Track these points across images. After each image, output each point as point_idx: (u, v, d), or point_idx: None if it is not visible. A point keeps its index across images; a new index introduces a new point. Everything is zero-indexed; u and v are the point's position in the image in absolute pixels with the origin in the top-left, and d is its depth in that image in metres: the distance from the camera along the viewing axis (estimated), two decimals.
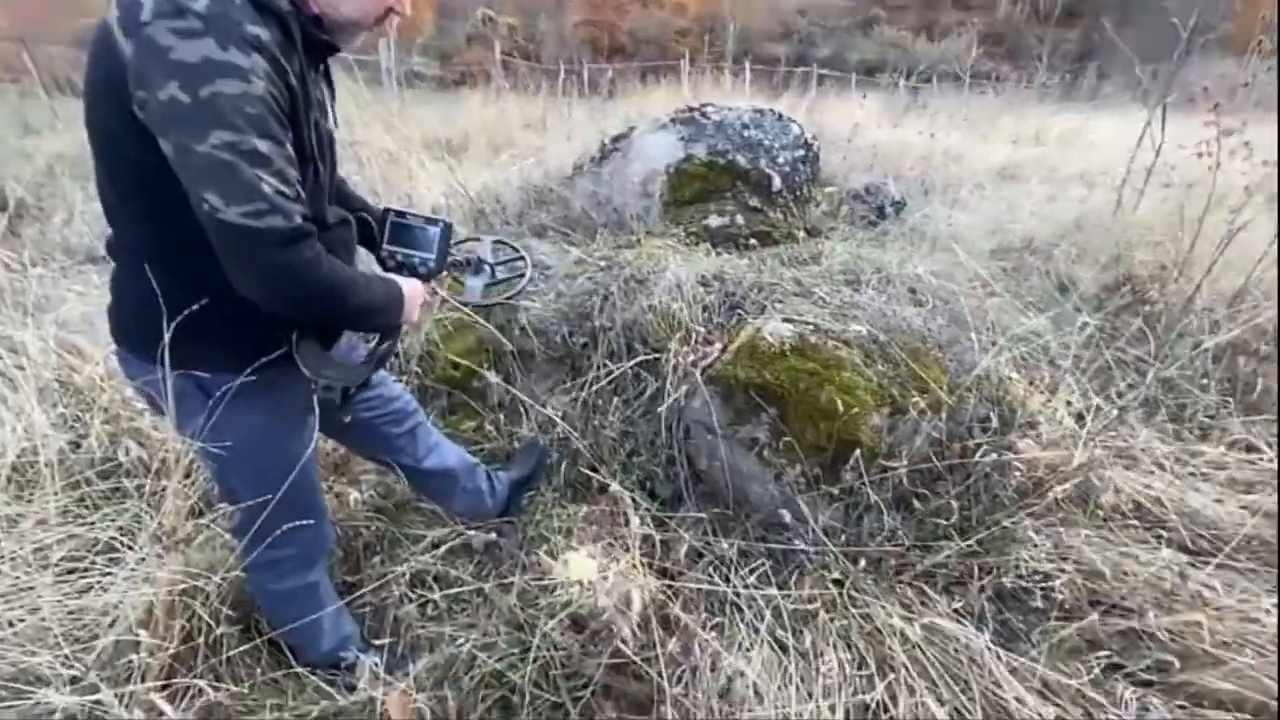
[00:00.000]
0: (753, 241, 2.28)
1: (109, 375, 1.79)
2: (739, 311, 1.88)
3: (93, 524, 1.40)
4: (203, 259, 0.83)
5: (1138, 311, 2.34)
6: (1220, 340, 2.00)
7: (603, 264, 2.18)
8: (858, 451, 1.51)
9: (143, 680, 1.11)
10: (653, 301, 1.94)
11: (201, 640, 1.21)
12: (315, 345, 1.02)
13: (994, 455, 1.68)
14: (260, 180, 0.77)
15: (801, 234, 2.35)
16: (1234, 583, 1.45)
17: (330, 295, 0.89)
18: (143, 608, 1.18)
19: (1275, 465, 1.81)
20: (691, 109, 2.77)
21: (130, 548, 1.31)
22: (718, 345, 1.81)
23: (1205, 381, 2.07)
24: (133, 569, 1.25)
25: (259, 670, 1.28)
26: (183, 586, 1.19)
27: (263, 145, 0.77)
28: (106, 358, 1.83)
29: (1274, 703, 1.21)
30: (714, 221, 2.38)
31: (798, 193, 2.57)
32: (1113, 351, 2.03)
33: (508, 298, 1.53)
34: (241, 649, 1.24)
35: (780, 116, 2.77)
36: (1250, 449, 1.89)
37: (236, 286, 0.83)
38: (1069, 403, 1.83)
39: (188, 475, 1.44)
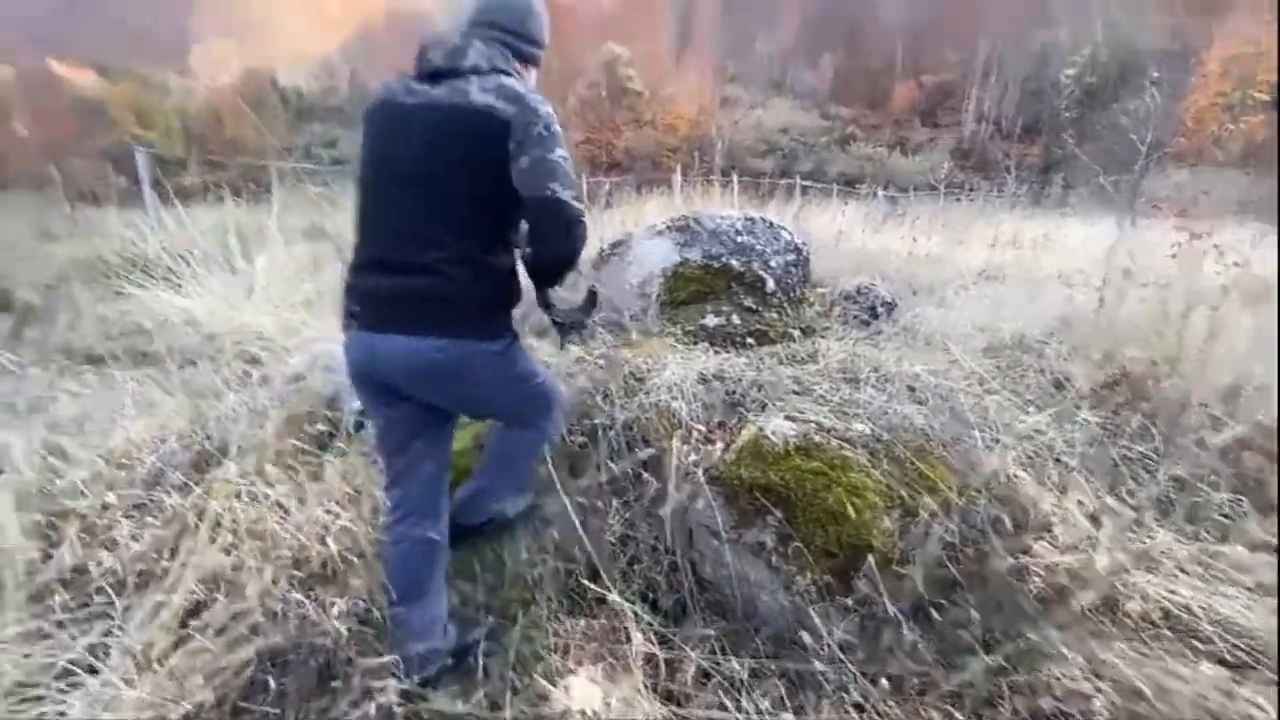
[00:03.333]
0: (750, 340, 2.32)
1: (90, 480, 1.73)
2: (740, 409, 1.87)
3: (53, 646, 1.29)
4: (502, 260, 1.39)
5: (1136, 408, 2.35)
6: (1225, 437, 1.98)
7: (601, 362, 2.19)
8: (870, 558, 1.45)
9: None
10: (653, 399, 1.93)
11: None
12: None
13: (1011, 560, 1.61)
14: (573, 180, 1.32)
15: (797, 333, 2.39)
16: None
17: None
18: None
19: None
20: (685, 217, 2.91)
21: (94, 671, 1.21)
22: (719, 444, 1.78)
23: (1215, 479, 2.03)
24: (93, 696, 1.14)
25: None
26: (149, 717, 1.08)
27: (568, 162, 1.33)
28: (92, 460, 1.78)
29: None
30: (711, 321, 2.43)
31: (791, 294, 2.64)
32: (1118, 449, 2.01)
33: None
34: None
35: (771, 224, 2.91)
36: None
37: (550, 247, 1.36)
38: (1081, 503, 1.78)
39: (169, 587, 1.35)
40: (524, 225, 1.39)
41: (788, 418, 1.66)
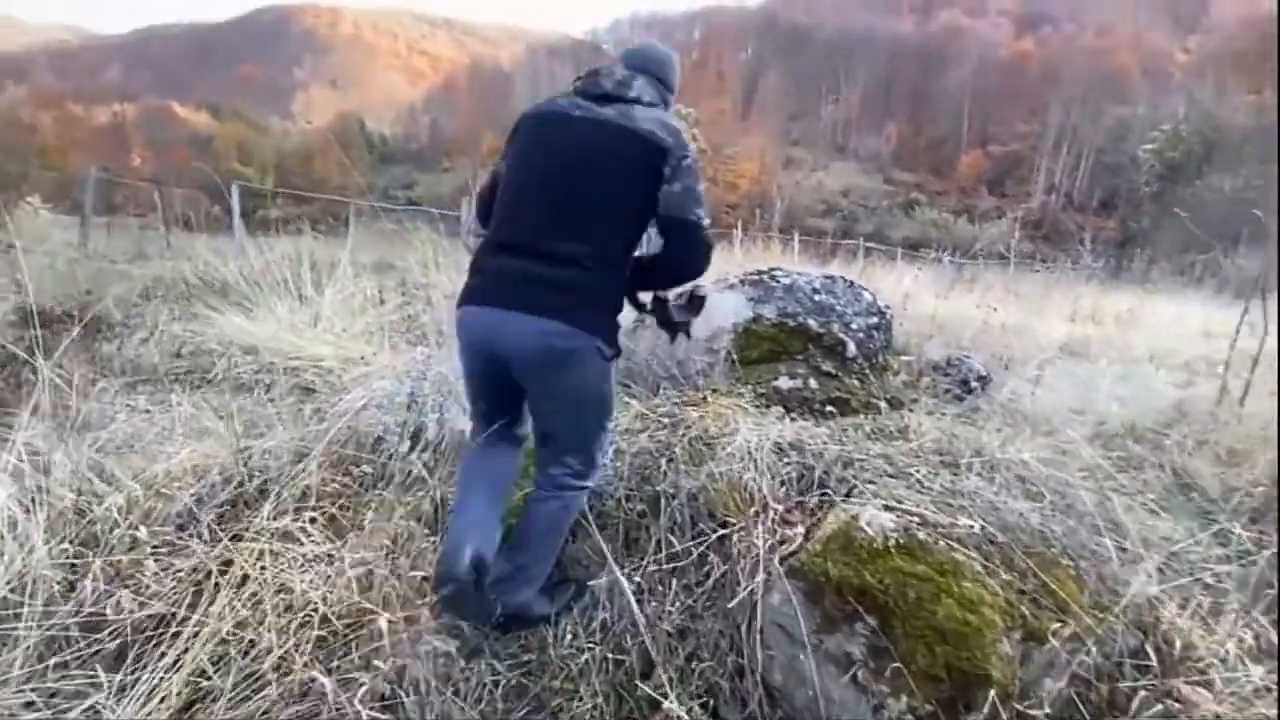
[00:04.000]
0: (829, 409, 2.11)
1: (126, 507, 1.64)
2: (824, 490, 1.65)
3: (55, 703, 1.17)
4: (625, 269, 1.52)
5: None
6: None
7: (666, 420, 2.02)
8: (991, 690, 1.19)
9: None
10: (722, 468, 1.73)
11: None
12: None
13: (1159, 706, 1.31)
14: (710, 211, 1.50)
15: (883, 404, 2.17)
16: None
17: None
18: None
19: None
20: (760, 272, 2.76)
21: None
22: (800, 528, 1.56)
23: None
24: None
25: None
26: None
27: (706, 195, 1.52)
28: (130, 487, 1.70)
29: None
30: (785, 384, 2.23)
31: (873, 360, 2.43)
32: (1269, 567, 1.68)
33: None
34: None
35: (851, 284, 2.72)
36: None
37: (684, 263, 1.53)
38: (1240, 638, 1.46)
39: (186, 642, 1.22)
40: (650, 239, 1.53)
41: (885, 507, 1.44)
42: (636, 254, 1.53)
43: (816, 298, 2.58)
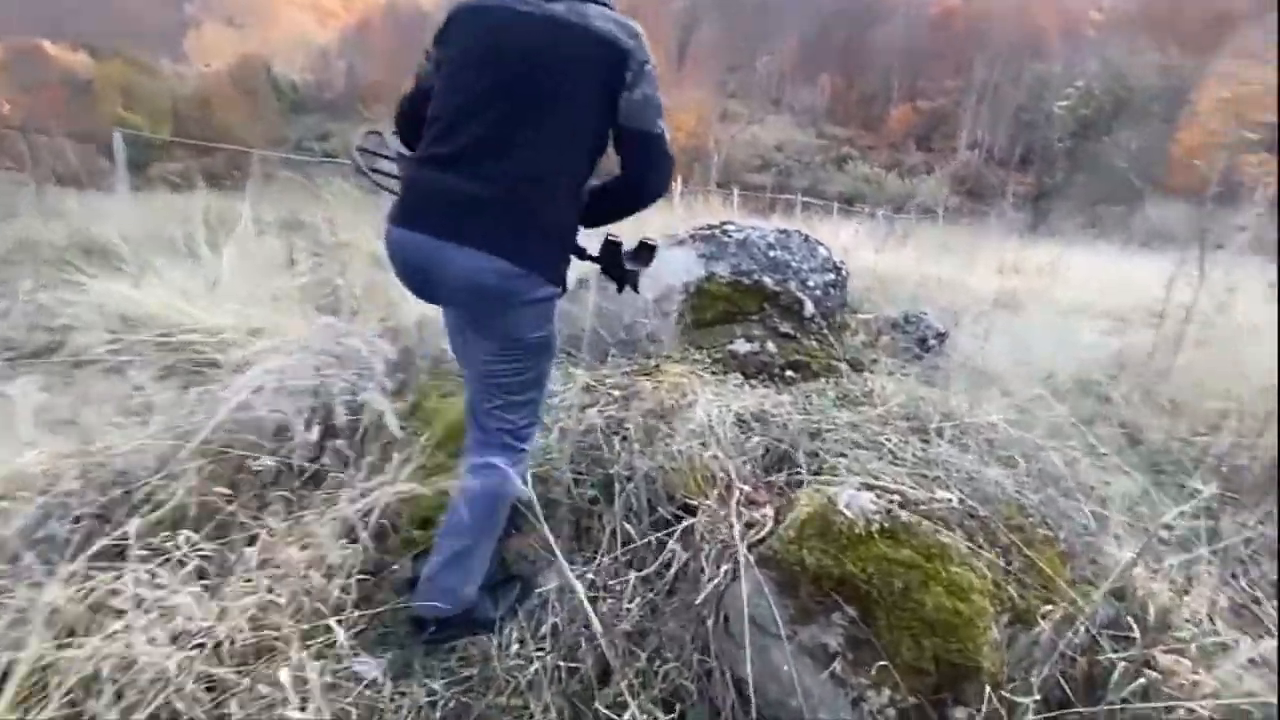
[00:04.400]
0: (790, 373, 1.97)
1: None
2: (792, 466, 1.51)
3: None
4: (578, 196, 1.36)
5: (1233, 474, 2.02)
6: None
7: (616, 393, 1.82)
8: (983, 681, 1.09)
9: None
10: (680, 446, 1.56)
11: None
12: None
13: (1140, 679, 1.26)
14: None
15: (844, 366, 2.05)
16: None
17: None
18: None
19: None
20: (711, 227, 2.56)
21: None
22: (768, 509, 1.42)
23: None
24: None
25: None
26: None
27: None
28: None
29: None
30: (742, 347, 2.07)
31: (831, 319, 2.30)
32: (1235, 526, 1.68)
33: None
34: None
35: (806, 238, 2.56)
36: None
37: (648, 179, 1.36)
38: (1214, 601, 1.44)
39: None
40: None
41: (865, 486, 1.30)
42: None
43: (771, 254, 2.41)
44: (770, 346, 2.07)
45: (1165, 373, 2.60)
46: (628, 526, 1.48)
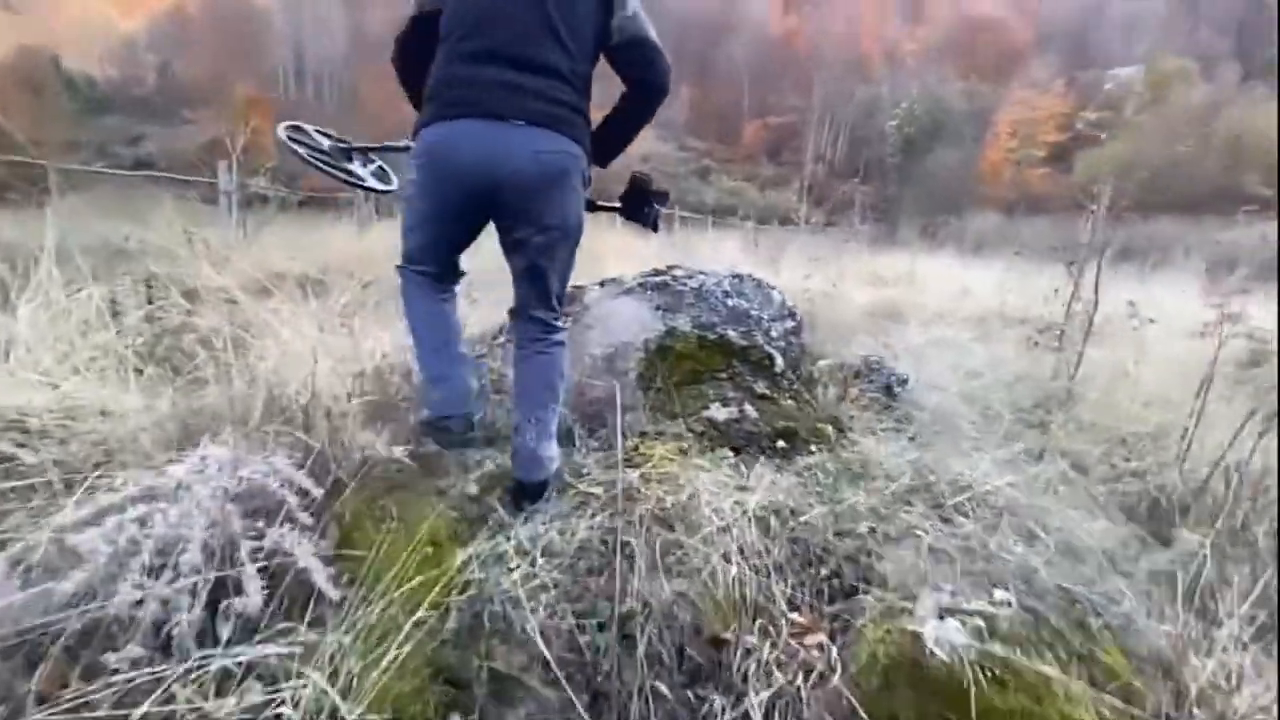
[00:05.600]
0: (780, 443, 1.78)
1: None
2: (832, 576, 1.30)
3: None
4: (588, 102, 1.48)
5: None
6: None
7: (599, 490, 1.52)
8: None
9: None
10: (697, 559, 1.30)
11: None
12: None
13: None
14: None
15: (830, 430, 1.90)
16: None
17: None
18: None
19: None
20: (660, 272, 2.32)
21: None
22: (821, 637, 1.20)
23: None
24: None
25: None
26: None
27: None
28: None
29: None
30: (719, 413, 1.85)
31: (798, 371, 2.15)
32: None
33: None
34: None
35: (759, 283, 2.40)
36: None
37: (654, 83, 1.48)
38: (1233, 664, 1.43)
39: None
40: None
41: (947, 611, 1.12)
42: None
43: (730, 302, 2.21)
44: (750, 410, 1.87)
45: (1073, 395, 2.75)
46: (651, 679, 1.19)
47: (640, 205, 1.66)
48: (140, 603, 1.03)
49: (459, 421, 1.52)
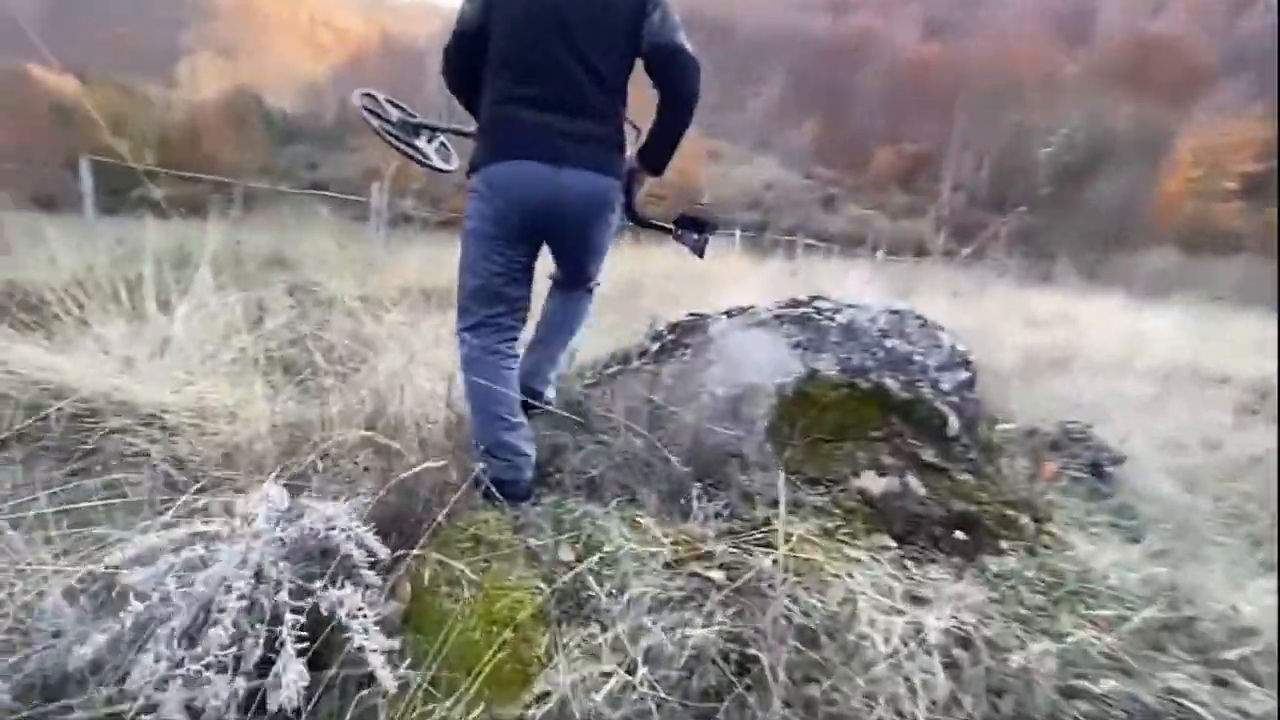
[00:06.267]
0: (958, 533, 1.37)
1: None
2: None
3: None
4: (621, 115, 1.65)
5: None
6: None
7: (717, 575, 1.20)
8: None
9: None
10: (856, 705, 0.94)
11: None
12: None
13: None
14: None
15: (1025, 521, 1.45)
16: None
17: None
18: None
19: None
20: (799, 302, 1.97)
21: None
22: None
23: None
24: None
25: None
26: None
27: None
28: None
29: None
30: (873, 484, 1.47)
31: (975, 437, 1.70)
32: None
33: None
34: None
35: (923, 320, 1.97)
36: None
37: (685, 87, 1.55)
38: None
39: None
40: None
41: None
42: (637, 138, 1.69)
43: (887, 343, 1.81)
44: (913, 483, 1.47)
45: None
46: None
47: (690, 230, 1.82)
48: (167, 680, 0.85)
49: (519, 488, 1.54)
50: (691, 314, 2.36)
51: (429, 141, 2.13)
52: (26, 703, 0.88)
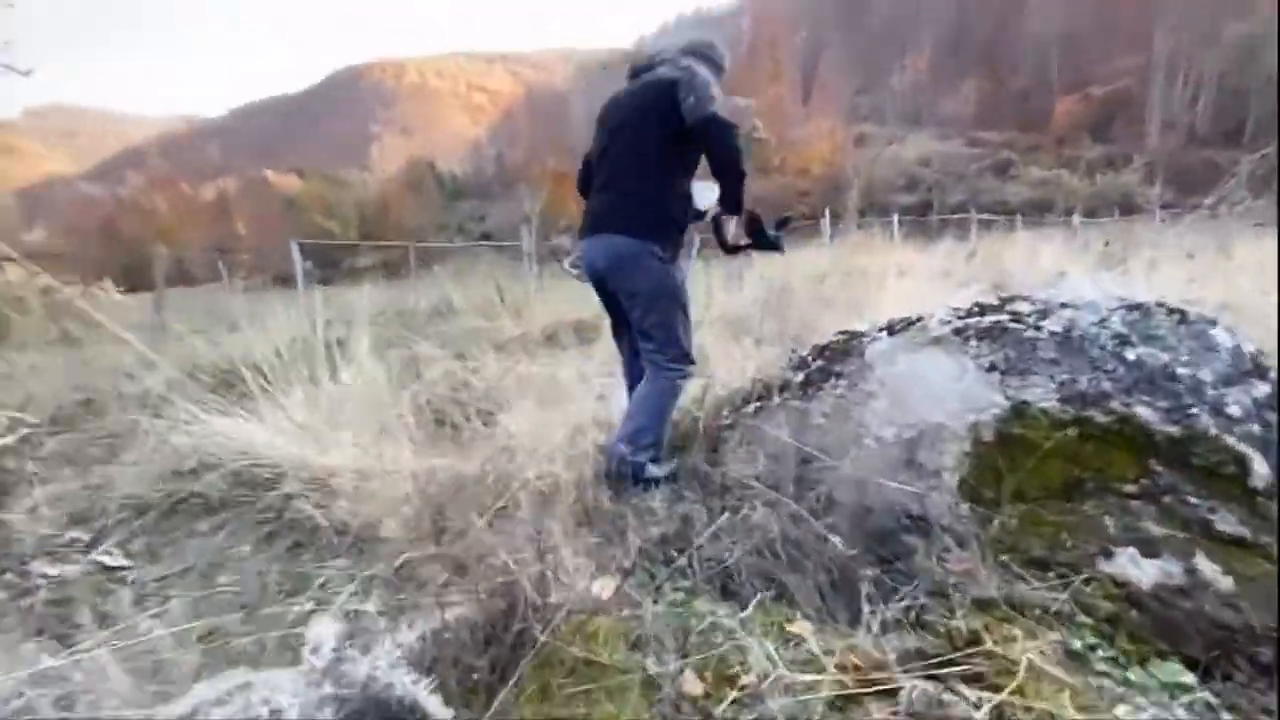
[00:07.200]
0: None
1: None
2: None
3: None
4: (670, 194, 2.04)
5: None
6: None
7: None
8: None
9: None
10: None
11: None
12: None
13: None
14: (725, 112, 1.90)
15: None
16: None
17: None
18: None
19: None
20: (987, 307, 1.49)
21: None
22: None
23: None
24: None
25: None
26: None
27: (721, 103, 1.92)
28: None
29: None
30: (1134, 572, 0.99)
31: None
32: None
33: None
34: None
35: (1182, 315, 1.36)
36: None
37: (723, 151, 1.87)
38: None
39: None
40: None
41: None
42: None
43: (1130, 354, 1.26)
44: (1205, 569, 0.97)
45: None
46: None
47: (762, 234, 2.01)
48: None
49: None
50: (842, 332, 1.96)
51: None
52: None
